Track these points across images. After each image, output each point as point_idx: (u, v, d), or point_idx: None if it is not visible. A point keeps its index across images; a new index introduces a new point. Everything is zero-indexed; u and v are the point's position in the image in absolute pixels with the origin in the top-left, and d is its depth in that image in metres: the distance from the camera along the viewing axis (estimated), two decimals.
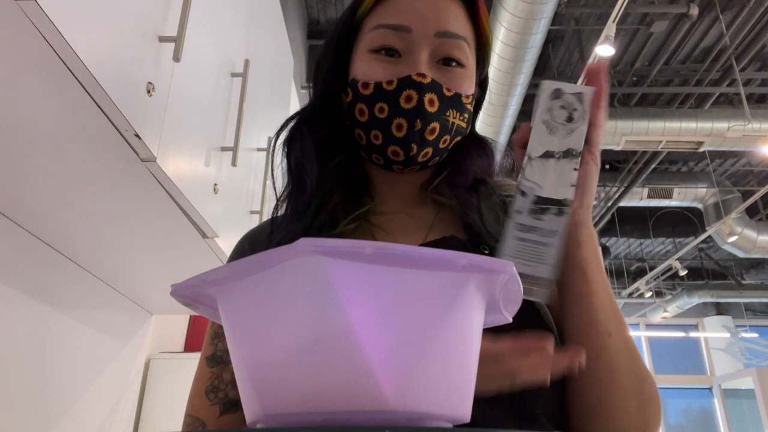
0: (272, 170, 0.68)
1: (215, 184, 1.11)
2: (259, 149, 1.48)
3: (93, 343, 1.43)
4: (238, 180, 1.29)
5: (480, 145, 0.69)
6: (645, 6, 4.01)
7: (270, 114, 1.62)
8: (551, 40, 4.65)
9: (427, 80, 0.59)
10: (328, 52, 0.67)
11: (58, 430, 1.28)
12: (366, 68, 0.61)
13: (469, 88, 0.63)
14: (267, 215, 1.47)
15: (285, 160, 0.67)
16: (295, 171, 0.66)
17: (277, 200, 0.68)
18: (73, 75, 0.64)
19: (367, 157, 0.65)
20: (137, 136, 0.75)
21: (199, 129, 1.02)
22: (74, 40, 0.60)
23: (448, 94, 0.60)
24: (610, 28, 3.08)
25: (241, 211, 1.34)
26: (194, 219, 1.05)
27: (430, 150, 0.61)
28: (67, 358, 1.32)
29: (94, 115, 0.71)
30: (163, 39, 0.82)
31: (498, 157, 0.70)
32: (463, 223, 0.64)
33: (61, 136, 0.78)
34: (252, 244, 0.68)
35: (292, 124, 0.68)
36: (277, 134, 0.68)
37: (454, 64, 0.61)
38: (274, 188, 0.68)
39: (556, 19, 3.97)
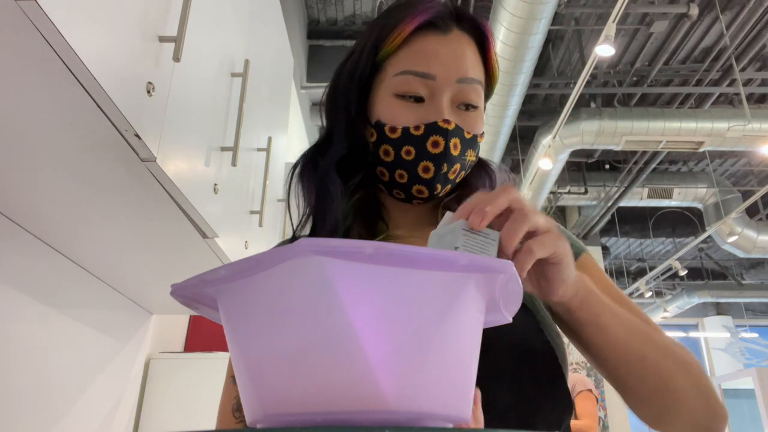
0: (288, 205, 0.72)
1: (215, 184, 1.11)
2: (259, 149, 1.48)
3: (93, 343, 1.43)
4: (238, 180, 1.29)
5: (482, 166, 0.73)
6: (645, 6, 4.01)
7: (270, 114, 1.62)
8: (551, 40, 4.65)
9: (452, 126, 0.62)
10: (351, 87, 0.68)
11: (58, 430, 1.28)
12: (392, 112, 0.64)
13: (481, 127, 0.66)
14: (267, 215, 1.48)
15: (306, 196, 0.69)
16: (319, 208, 0.68)
17: (298, 225, 0.71)
18: (73, 75, 0.64)
19: (387, 191, 0.69)
20: (137, 136, 0.75)
21: (199, 129, 1.02)
22: (74, 40, 0.60)
23: (468, 137, 0.64)
24: (610, 28, 3.07)
25: (241, 211, 1.34)
26: (194, 219, 1.05)
27: (449, 186, 0.66)
28: (67, 358, 1.32)
29: (94, 115, 0.71)
30: (163, 39, 0.82)
31: (498, 175, 0.74)
32: None
33: (61, 136, 0.78)
34: None
35: (312, 160, 0.70)
36: (294, 168, 0.71)
37: (471, 108, 0.64)
38: (290, 214, 0.72)
39: (556, 19, 3.97)
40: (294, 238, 0.71)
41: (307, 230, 0.71)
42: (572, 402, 0.61)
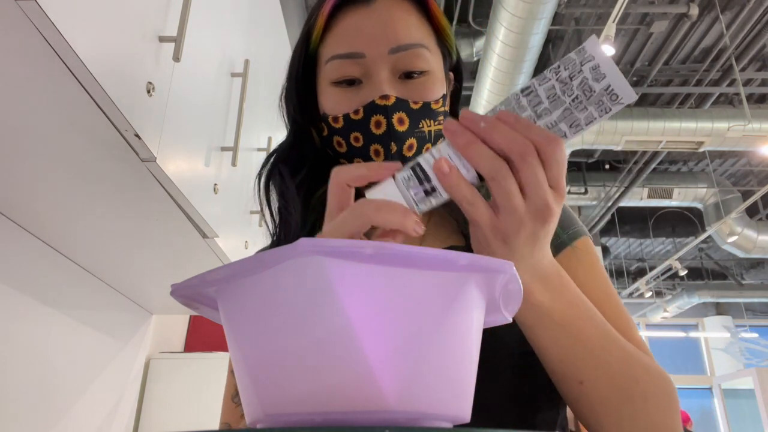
0: (261, 208, 0.69)
1: (215, 184, 1.11)
2: (259, 149, 1.48)
3: (93, 343, 1.43)
4: (238, 180, 1.29)
5: None
6: (645, 6, 4.01)
7: (270, 114, 1.62)
8: (551, 40, 4.65)
9: (391, 101, 0.58)
10: (290, 90, 0.66)
11: (58, 430, 1.28)
12: (332, 102, 0.61)
13: (437, 92, 0.62)
14: (267, 215, 1.47)
15: (266, 199, 0.68)
16: (279, 209, 0.67)
17: (272, 235, 0.69)
18: (73, 75, 0.64)
19: None
20: (137, 136, 0.75)
21: (199, 129, 1.02)
22: (74, 40, 0.60)
23: (415, 107, 0.59)
24: (610, 28, 3.07)
25: (241, 211, 1.34)
26: (194, 219, 1.05)
27: None
28: (67, 358, 1.32)
29: (94, 115, 0.71)
30: (163, 39, 0.82)
31: None
32: (460, 226, 0.65)
33: (61, 136, 0.78)
34: None
35: (271, 162, 0.68)
36: (259, 174, 0.68)
37: (416, 75, 0.60)
38: (266, 224, 0.69)
39: (556, 19, 3.97)
40: (274, 244, 0.69)
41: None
42: None
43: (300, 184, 0.65)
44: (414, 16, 0.61)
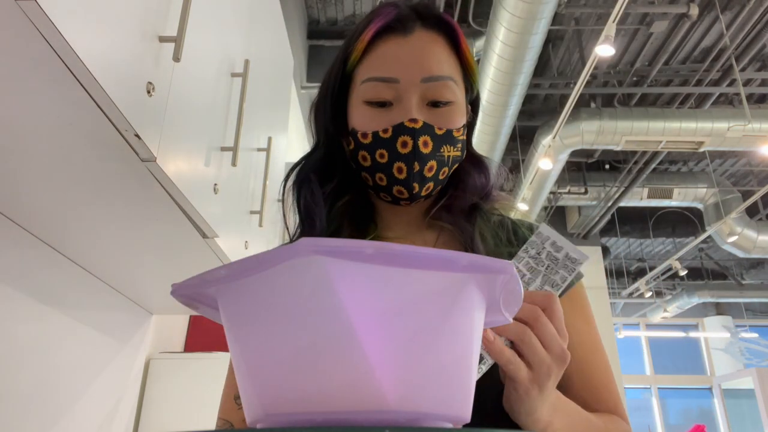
0: (284, 213, 0.74)
1: (215, 184, 1.11)
2: (259, 149, 1.48)
3: (93, 343, 1.43)
4: (238, 180, 1.29)
5: (477, 164, 0.74)
6: (645, 6, 4.01)
7: (270, 114, 1.62)
8: (551, 40, 4.65)
9: (419, 125, 0.63)
10: (324, 104, 0.71)
11: (58, 430, 1.28)
12: (362, 119, 0.66)
13: (459, 121, 0.67)
14: (267, 215, 1.48)
15: (295, 204, 0.73)
16: (305, 214, 0.71)
17: (291, 238, 0.74)
18: (73, 75, 0.64)
19: (375, 194, 0.70)
20: (137, 136, 0.75)
21: (199, 129, 1.02)
22: (74, 40, 0.60)
23: (439, 132, 0.64)
24: (610, 28, 3.07)
25: (241, 211, 1.33)
26: (194, 219, 1.05)
27: (431, 184, 0.66)
28: (67, 358, 1.32)
29: (94, 116, 0.71)
30: (163, 39, 0.82)
31: (493, 172, 0.74)
32: (464, 245, 0.68)
33: (61, 136, 0.78)
34: None
35: (299, 169, 0.73)
36: (286, 179, 0.73)
37: (442, 104, 0.65)
38: (287, 228, 0.74)
39: (556, 19, 3.97)
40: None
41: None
42: None
43: (328, 194, 0.70)
44: (446, 51, 0.67)
